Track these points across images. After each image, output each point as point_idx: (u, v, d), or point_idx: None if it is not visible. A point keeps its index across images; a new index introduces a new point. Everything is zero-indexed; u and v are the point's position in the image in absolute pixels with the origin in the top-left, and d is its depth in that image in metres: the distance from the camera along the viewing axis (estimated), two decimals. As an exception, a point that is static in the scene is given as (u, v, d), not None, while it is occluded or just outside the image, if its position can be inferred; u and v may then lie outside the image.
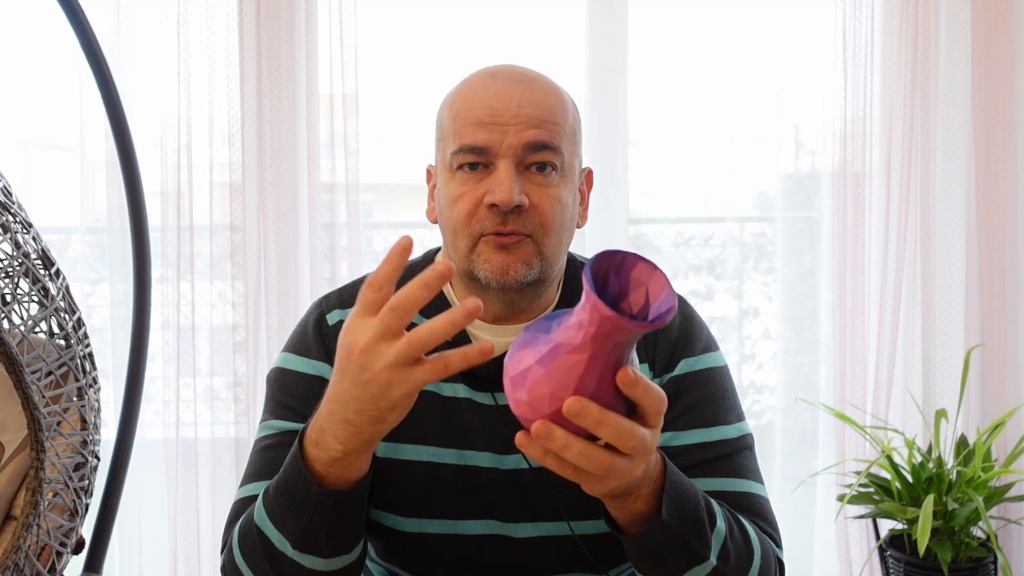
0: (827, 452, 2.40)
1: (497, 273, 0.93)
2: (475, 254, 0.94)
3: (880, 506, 2.08)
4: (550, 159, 0.94)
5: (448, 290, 1.03)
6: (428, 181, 1.06)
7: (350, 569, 0.88)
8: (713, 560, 0.83)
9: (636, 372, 0.68)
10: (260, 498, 0.87)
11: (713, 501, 0.87)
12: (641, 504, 0.79)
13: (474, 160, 0.93)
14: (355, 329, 0.73)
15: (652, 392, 0.69)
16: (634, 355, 0.72)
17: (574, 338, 0.67)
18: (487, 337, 1.00)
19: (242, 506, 0.96)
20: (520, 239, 0.93)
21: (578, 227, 1.02)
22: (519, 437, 0.70)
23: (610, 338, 0.66)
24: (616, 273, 0.69)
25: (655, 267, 0.69)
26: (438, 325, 0.70)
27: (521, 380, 0.69)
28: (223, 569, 0.94)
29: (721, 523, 0.85)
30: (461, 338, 1.00)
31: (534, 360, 0.68)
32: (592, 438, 0.70)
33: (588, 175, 1.05)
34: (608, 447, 0.70)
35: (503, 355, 0.99)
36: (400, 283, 1.04)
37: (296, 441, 0.83)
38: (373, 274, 0.73)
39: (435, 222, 1.03)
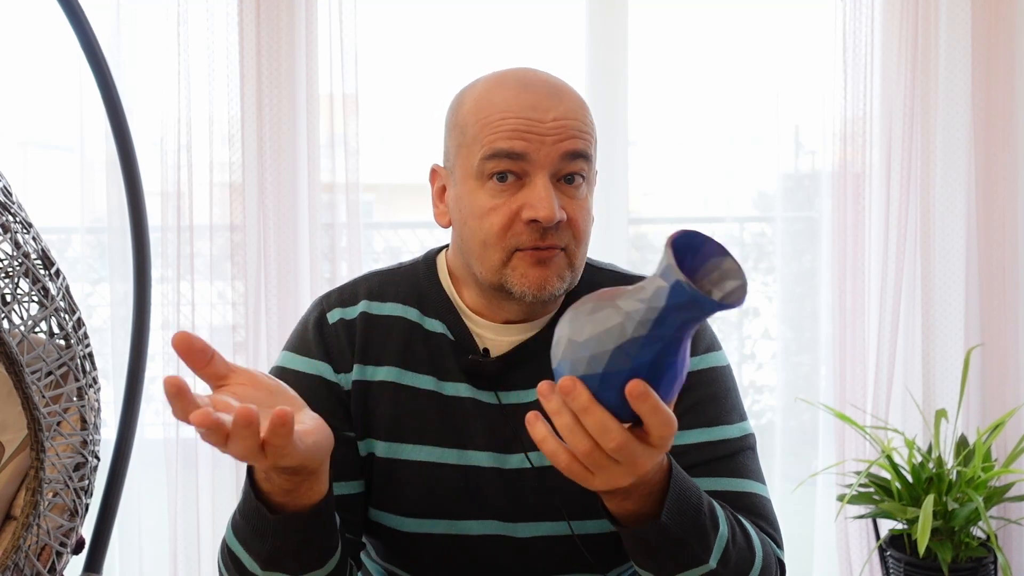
0: (827, 452, 2.40)
1: (534, 288, 0.93)
2: (509, 268, 0.94)
3: (880, 506, 2.08)
4: (583, 169, 0.94)
5: (452, 292, 1.03)
6: (433, 182, 1.03)
7: None
8: (713, 564, 0.83)
9: (647, 387, 0.66)
10: (230, 518, 0.88)
11: (717, 505, 0.86)
12: (632, 504, 0.78)
13: (508, 167, 0.92)
14: None
15: (660, 414, 0.67)
16: (682, 366, 0.70)
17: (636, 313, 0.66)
18: (492, 336, 1.00)
19: None
20: (555, 252, 0.93)
21: None
22: (530, 416, 0.71)
23: (678, 313, 0.64)
24: (692, 254, 0.67)
25: (727, 254, 0.67)
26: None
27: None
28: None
29: (724, 528, 0.85)
30: (463, 335, 1.00)
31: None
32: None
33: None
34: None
35: (507, 353, 0.99)
36: (398, 284, 1.05)
37: (247, 469, 0.83)
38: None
39: (447, 226, 1.01)
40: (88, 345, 1.20)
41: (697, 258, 0.67)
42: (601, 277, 1.07)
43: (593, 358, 0.67)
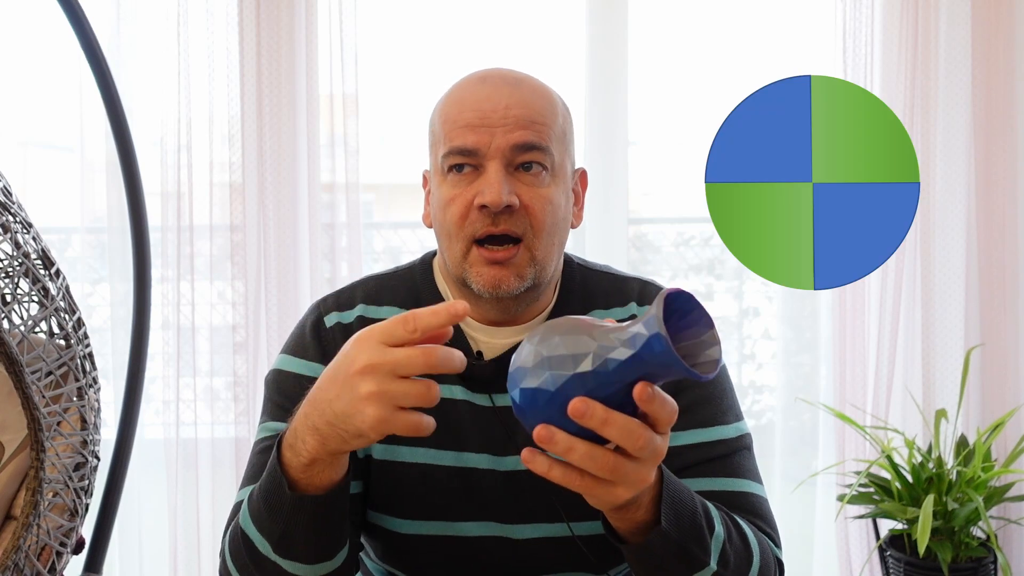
0: (827, 452, 2.40)
1: (490, 286, 0.94)
2: (467, 263, 0.95)
3: (880, 506, 2.08)
4: (539, 159, 0.94)
5: (447, 294, 1.03)
6: (424, 186, 1.06)
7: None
8: (713, 565, 0.83)
9: (653, 387, 0.67)
10: (245, 501, 0.88)
11: (710, 505, 0.86)
12: (643, 513, 0.78)
13: (463, 162, 0.94)
14: (367, 349, 0.71)
15: (667, 404, 0.69)
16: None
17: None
18: (483, 339, 1.00)
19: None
20: (512, 253, 0.94)
21: (573, 227, 1.02)
22: (525, 453, 0.70)
23: (645, 365, 0.65)
24: (680, 316, 0.69)
25: (712, 326, 0.69)
26: (417, 357, 0.70)
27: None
28: (220, 573, 0.94)
29: (719, 527, 0.85)
30: (458, 337, 1.00)
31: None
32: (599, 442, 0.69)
33: (582, 176, 1.05)
34: (616, 450, 0.70)
35: (500, 356, 0.99)
36: (395, 288, 1.05)
37: (275, 445, 0.83)
38: (417, 315, 0.70)
39: (431, 227, 1.03)
40: (88, 345, 1.20)
41: (683, 320, 0.69)
42: (594, 279, 1.07)
43: (553, 376, 0.67)
